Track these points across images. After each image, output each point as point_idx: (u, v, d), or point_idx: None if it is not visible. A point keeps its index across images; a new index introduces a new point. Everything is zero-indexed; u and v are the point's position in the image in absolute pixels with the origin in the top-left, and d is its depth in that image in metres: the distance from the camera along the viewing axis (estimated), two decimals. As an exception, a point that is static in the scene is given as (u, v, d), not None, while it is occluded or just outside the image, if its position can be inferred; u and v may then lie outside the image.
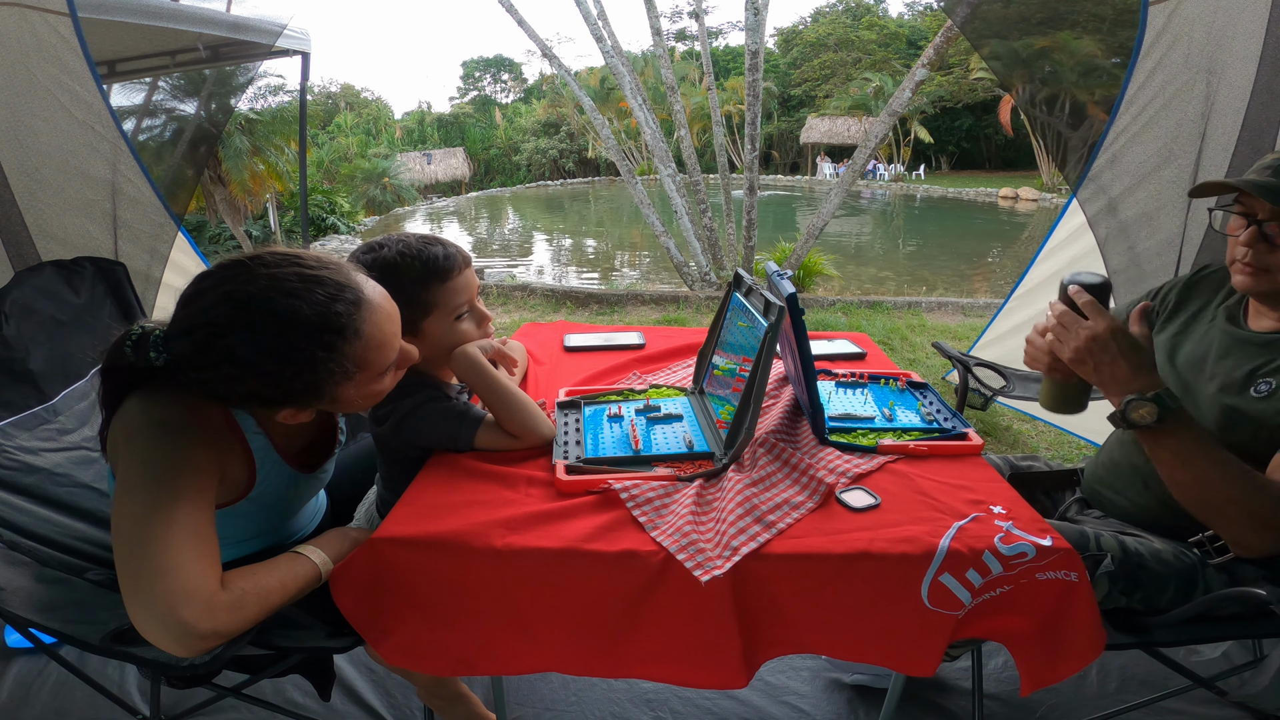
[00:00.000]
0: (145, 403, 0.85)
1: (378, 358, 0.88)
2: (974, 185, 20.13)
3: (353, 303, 0.85)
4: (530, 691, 1.48)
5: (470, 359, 1.06)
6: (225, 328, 0.80)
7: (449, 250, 1.08)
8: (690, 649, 0.85)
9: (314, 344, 0.82)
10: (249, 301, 0.80)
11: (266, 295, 0.80)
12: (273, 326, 0.80)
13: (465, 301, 1.10)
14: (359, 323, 0.85)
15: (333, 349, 0.83)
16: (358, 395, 0.90)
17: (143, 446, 0.81)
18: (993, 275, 9.19)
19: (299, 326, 0.81)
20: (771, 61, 28.33)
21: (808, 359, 1.06)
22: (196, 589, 0.74)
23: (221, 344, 0.80)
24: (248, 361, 0.81)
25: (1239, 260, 1.04)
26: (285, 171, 11.12)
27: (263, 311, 0.80)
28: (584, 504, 0.93)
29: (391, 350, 0.90)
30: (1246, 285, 1.05)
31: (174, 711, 1.37)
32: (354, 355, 0.85)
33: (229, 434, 0.92)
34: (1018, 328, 2.90)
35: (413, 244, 1.06)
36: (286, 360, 0.81)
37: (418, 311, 1.05)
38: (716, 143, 6.83)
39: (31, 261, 1.74)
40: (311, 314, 0.81)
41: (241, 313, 0.80)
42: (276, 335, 0.81)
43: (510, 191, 23.87)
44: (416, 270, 1.04)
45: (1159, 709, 1.38)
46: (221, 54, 2.82)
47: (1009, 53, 2.73)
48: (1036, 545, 0.84)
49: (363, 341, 0.85)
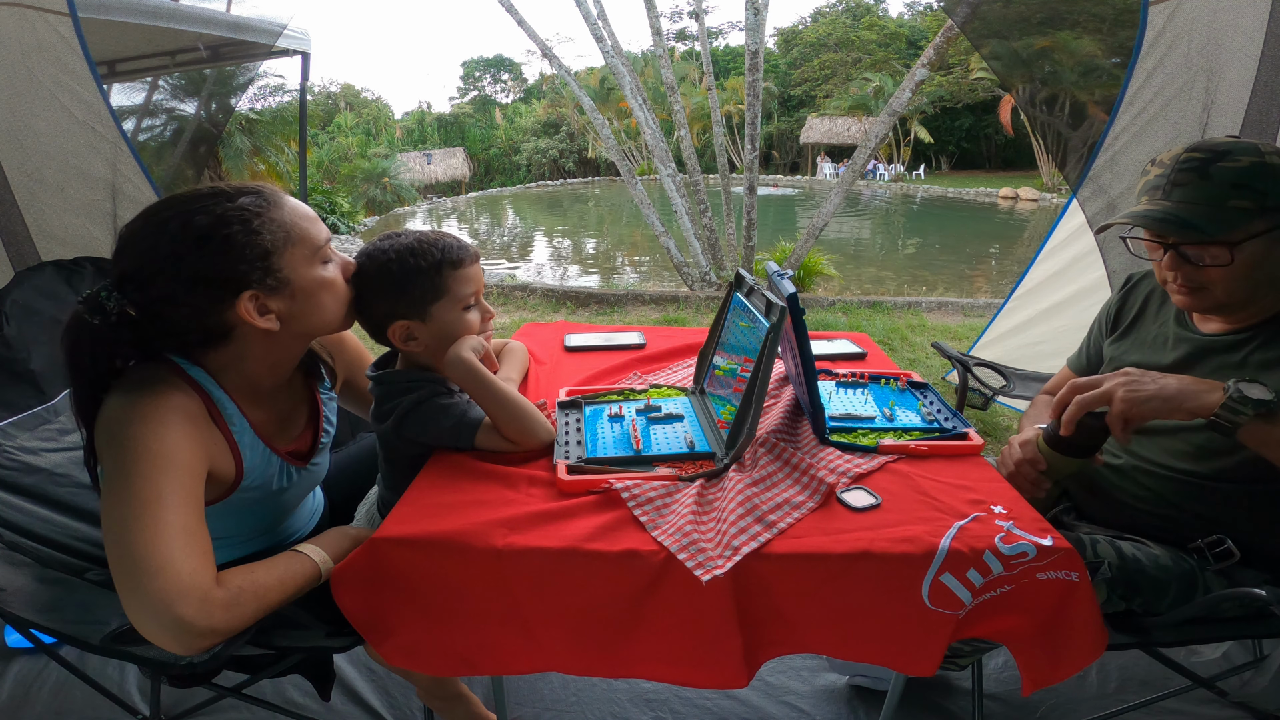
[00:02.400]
0: (124, 403, 0.84)
1: (308, 230, 0.94)
2: (974, 185, 20.12)
3: (268, 190, 0.94)
4: (530, 691, 1.48)
5: (465, 365, 1.06)
6: (157, 228, 0.86)
7: (461, 242, 1.12)
8: (691, 648, 0.85)
9: (235, 204, 0.88)
10: (172, 202, 0.88)
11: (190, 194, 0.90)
12: (210, 199, 0.88)
13: (473, 293, 1.12)
14: (277, 195, 0.93)
15: (257, 207, 0.89)
16: (311, 274, 0.94)
17: (124, 446, 0.81)
18: (993, 275, 9.19)
19: (218, 195, 0.89)
20: (771, 61, 28.33)
21: (808, 359, 1.06)
22: (191, 586, 0.74)
23: (161, 243, 0.85)
24: (185, 242, 0.85)
25: (1171, 283, 1.03)
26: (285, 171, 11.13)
27: (197, 192, 0.89)
28: (585, 504, 0.93)
29: (318, 228, 0.95)
30: (1187, 304, 1.04)
31: (174, 711, 1.37)
32: (282, 221, 0.91)
33: (211, 425, 0.91)
34: (1018, 328, 2.90)
35: (427, 235, 1.10)
36: (220, 224, 0.86)
37: (428, 294, 1.07)
38: (716, 143, 6.83)
39: (31, 261, 1.74)
40: (228, 188, 0.90)
41: (168, 209, 0.87)
42: (205, 201, 0.87)
43: (510, 191, 23.87)
44: (431, 255, 1.07)
45: (1159, 709, 1.38)
46: (221, 54, 2.82)
47: (1009, 53, 2.73)
48: (1037, 545, 0.83)
49: (287, 210, 0.92)
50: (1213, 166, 0.95)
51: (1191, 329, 1.10)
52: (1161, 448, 1.09)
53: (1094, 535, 1.05)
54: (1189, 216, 0.95)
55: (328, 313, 0.98)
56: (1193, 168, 0.96)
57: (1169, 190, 0.98)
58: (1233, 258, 0.95)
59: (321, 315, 0.97)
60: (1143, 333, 1.19)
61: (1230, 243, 0.94)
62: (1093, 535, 1.05)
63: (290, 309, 0.93)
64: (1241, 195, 0.93)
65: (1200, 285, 1.00)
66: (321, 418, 1.14)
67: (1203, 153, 0.97)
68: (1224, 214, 0.94)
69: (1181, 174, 0.97)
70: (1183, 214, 0.95)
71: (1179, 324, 1.12)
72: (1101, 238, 2.35)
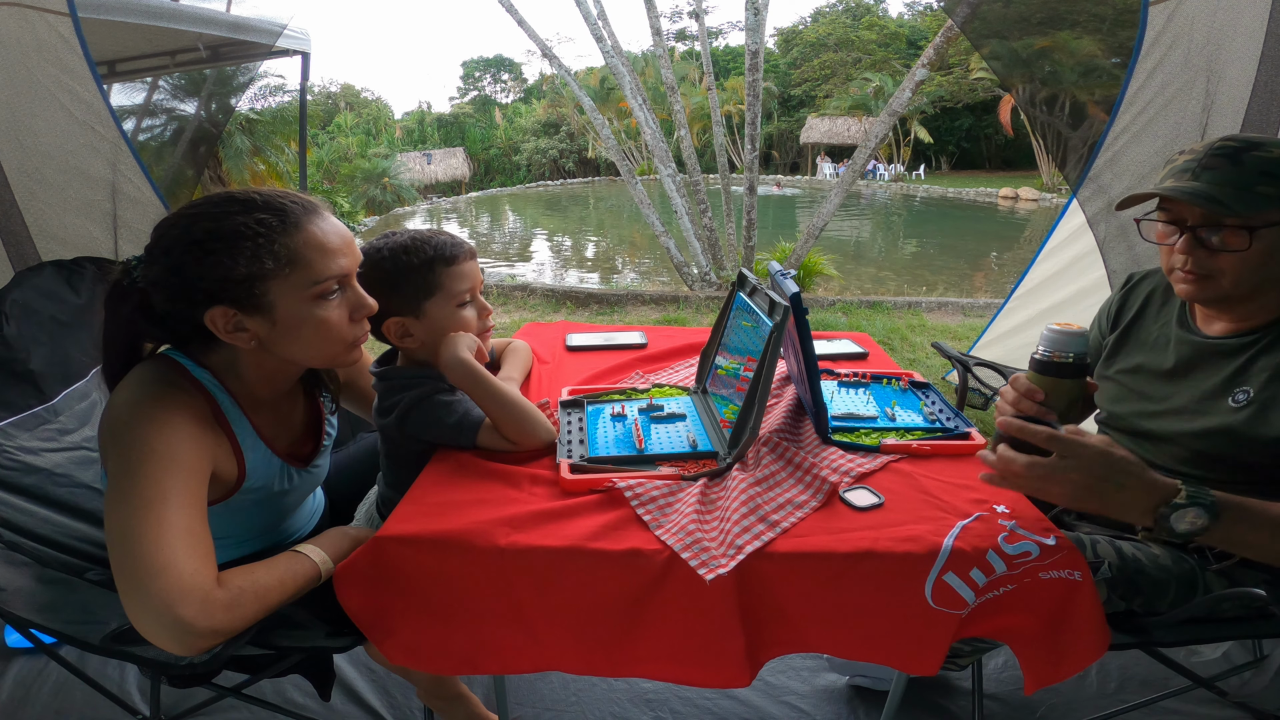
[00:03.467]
0: (129, 403, 0.84)
1: (317, 261, 0.89)
2: (974, 185, 20.13)
3: (305, 207, 0.90)
4: (530, 691, 1.48)
5: (464, 368, 1.06)
6: (178, 220, 0.87)
7: (455, 239, 1.12)
8: (694, 648, 0.85)
9: (250, 218, 0.85)
10: (205, 201, 0.88)
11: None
12: (231, 205, 0.87)
13: (468, 290, 1.12)
14: (302, 217, 0.89)
15: (267, 227, 0.86)
16: (298, 307, 0.89)
17: (129, 446, 0.81)
18: (993, 275, 9.20)
19: (244, 202, 0.87)
20: (771, 61, 28.34)
21: (811, 358, 1.06)
22: (192, 587, 0.74)
23: (172, 234, 0.86)
24: (183, 241, 0.85)
25: (1178, 269, 1.02)
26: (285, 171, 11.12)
27: (224, 196, 0.89)
28: (588, 503, 0.93)
29: (333, 261, 0.90)
30: (1190, 294, 1.03)
31: (174, 711, 1.37)
32: (289, 246, 0.87)
33: (215, 426, 0.91)
34: (1018, 328, 2.90)
35: (422, 232, 1.11)
36: (216, 235, 0.85)
37: (421, 291, 1.08)
38: (716, 143, 6.83)
39: (31, 261, 1.74)
40: (260, 199, 0.88)
41: (198, 206, 0.88)
42: (222, 207, 0.87)
43: (510, 191, 23.86)
44: (424, 253, 1.07)
45: (1159, 709, 1.38)
46: (221, 54, 2.82)
47: (1009, 53, 2.73)
48: (1040, 544, 0.84)
49: (302, 235, 0.88)
50: (1245, 154, 0.96)
51: (1194, 331, 1.10)
52: (1162, 451, 1.09)
53: (1094, 535, 1.05)
54: (1215, 193, 0.96)
55: (310, 349, 0.94)
56: (1225, 154, 0.97)
57: (1198, 173, 0.98)
58: (1250, 243, 0.95)
59: (303, 349, 0.94)
60: (1143, 333, 1.19)
61: (1250, 226, 0.95)
62: (1093, 535, 1.05)
63: (270, 334, 0.90)
64: (1269, 183, 0.94)
65: (1209, 273, 0.99)
66: (324, 420, 1.13)
67: (1236, 142, 0.98)
68: (1250, 196, 0.94)
69: (1213, 159, 0.98)
70: (1210, 190, 0.96)
71: (1181, 325, 1.12)
72: (1103, 238, 2.35)
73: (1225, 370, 1.03)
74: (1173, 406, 1.08)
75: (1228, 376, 1.02)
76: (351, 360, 1.00)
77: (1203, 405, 1.04)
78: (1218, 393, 1.02)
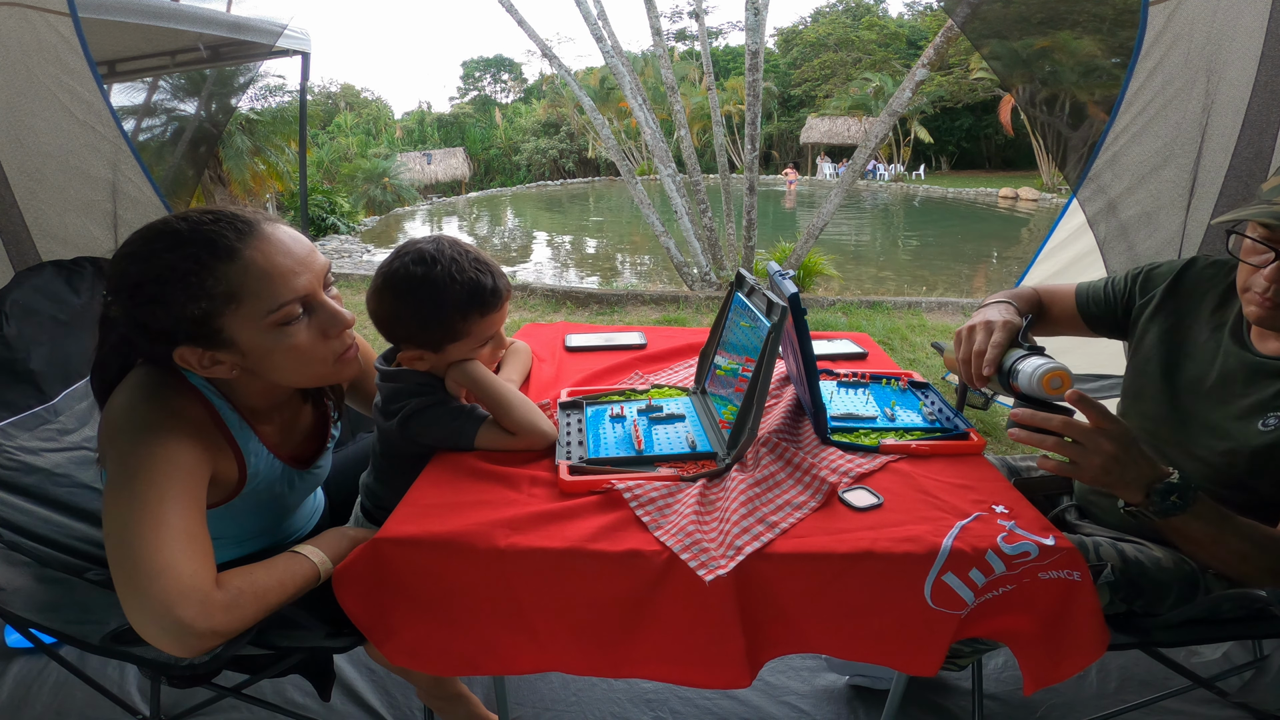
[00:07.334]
0: (128, 407, 0.85)
1: (264, 289, 0.83)
2: (974, 185, 20.14)
3: (239, 230, 0.83)
4: (530, 691, 1.48)
5: (465, 371, 1.07)
6: (119, 260, 0.84)
7: (497, 283, 1.06)
8: (693, 648, 0.85)
9: (176, 255, 0.81)
10: (137, 238, 0.85)
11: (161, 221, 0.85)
12: (157, 241, 0.83)
13: (495, 333, 1.10)
14: (238, 245, 0.82)
15: (197, 262, 0.81)
16: (260, 338, 0.85)
17: (128, 448, 0.81)
18: (993, 275, 9.20)
19: (169, 237, 0.82)
20: (771, 61, 28.35)
21: (810, 359, 1.06)
22: (191, 589, 0.74)
23: (113, 277, 0.84)
24: (135, 278, 0.82)
25: (1256, 292, 0.98)
26: (286, 171, 11.13)
27: (153, 231, 0.84)
28: (587, 504, 0.93)
29: (283, 286, 0.84)
30: (1260, 318, 0.99)
31: (174, 711, 1.37)
32: (231, 278, 0.82)
33: (215, 431, 0.91)
34: (1018, 328, 2.89)
35: (466, 267, 1.03)
36: (161, 270, 0.81)
37: (449, 335, 1.05)
38: (716, 143, 6.83)
39: (31, 261, 1.74)
40: (186, 229, 0.82)
41: (130, 244, 0.85)
42: (150, 245, 0.83)
43: (510, 191, 23.86)
44: (462, 299, 1.02)
45: (1159, 709, 1.38)
46: (222, 54, 2.82)
47: (1009, 53, 2.73)
48: (1039, 544, 0.83)
49: (241, 265, 0.82)
50: None
51: (1249, 347, 1.06)
52: (1162, 453, 1.09)
53: (1095, 537, 1.05)
54: None
55: (291, 374, 0.91)
56: None
57: None
58: None
59: (284, 375, 0.91)
60: (1192, 334, 1.13)
61: None
62: (1094, 537, 1.05)
63: (244, 363, 0.88)
64: None
65: None
66: (329, 423, 1.13)
67: None
68: None
69: None
70: None
71: (1235, 339, 1.08)
72: (1103, 238, 2.35)
73: (1267, 391, 1.00)
74: (1203, 422, 1.06)
75: (1267, 398, 0.99)
76: (345, 376, 0.97)
77: (1232, 418, 1.02)
78: (1250, 413, 1.00)
